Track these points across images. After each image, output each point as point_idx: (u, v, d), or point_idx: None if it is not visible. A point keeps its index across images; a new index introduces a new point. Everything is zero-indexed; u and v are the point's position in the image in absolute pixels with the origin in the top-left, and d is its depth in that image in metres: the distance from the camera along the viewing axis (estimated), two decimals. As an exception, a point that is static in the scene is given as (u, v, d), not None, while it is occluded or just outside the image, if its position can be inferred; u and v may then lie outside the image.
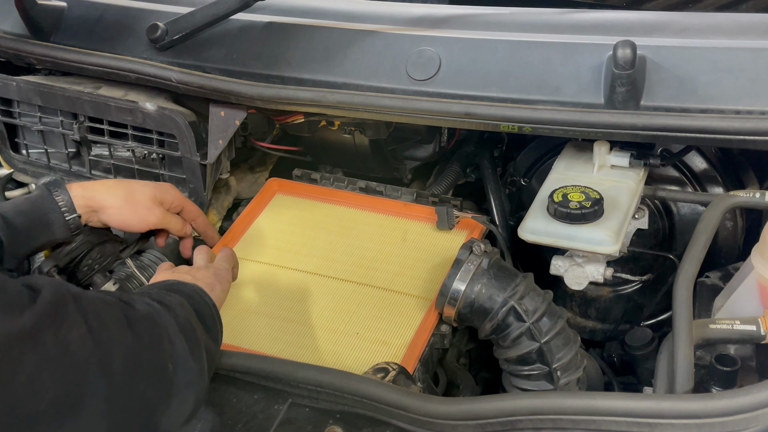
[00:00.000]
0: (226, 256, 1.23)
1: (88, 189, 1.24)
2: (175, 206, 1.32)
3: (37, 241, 1.19)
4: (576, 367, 1.12)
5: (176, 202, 1.32)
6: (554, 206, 1.16)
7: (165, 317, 0.87)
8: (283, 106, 1.33)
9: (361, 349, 1.17)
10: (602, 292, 1.52)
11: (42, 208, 1.19)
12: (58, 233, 1.20)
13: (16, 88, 1.54)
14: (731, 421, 0.82)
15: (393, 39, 1.29)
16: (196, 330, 0.91)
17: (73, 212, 1.21)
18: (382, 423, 0.94)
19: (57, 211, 1.19)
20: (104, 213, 1.25)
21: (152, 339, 0.82)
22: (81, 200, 1.22)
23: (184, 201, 1.34)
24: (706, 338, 0.97)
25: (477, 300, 1.12)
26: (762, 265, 1.03)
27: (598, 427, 0.86)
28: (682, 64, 1.13)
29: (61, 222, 1.19)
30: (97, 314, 0.77)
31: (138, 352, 0.79)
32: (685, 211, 1.42)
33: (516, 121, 1.17)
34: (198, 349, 0.89)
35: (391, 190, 1.46)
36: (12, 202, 1.19)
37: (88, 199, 1.23)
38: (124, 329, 0.79)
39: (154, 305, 0.88)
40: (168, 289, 0.99)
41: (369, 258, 1.34)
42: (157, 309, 0.88)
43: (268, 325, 1.23)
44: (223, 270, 1.18)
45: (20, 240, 1.15)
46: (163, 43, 1.39)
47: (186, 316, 0.92)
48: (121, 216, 1.25)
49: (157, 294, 0.94)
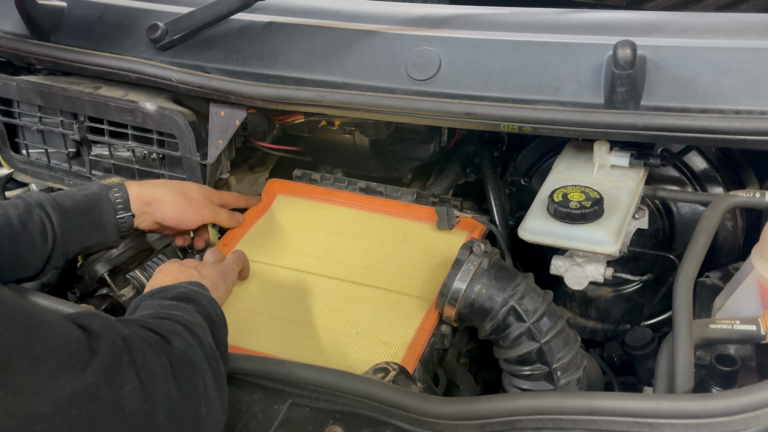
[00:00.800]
0: (236, 257, 1.25)
1: (144, 186, 1.27)
2: (217, 200, 1.37)
3: (88, 241, 1.22)
4: (576, 367, 1.12)
5: (217, 196, 1.38)
6: (554, 206, 1.16)
7: (197, 354, 0.87)
8: (283, 106, 1.33)
9: (361, 349, 1.17)
10: (602, 292, 1.52)
11: (99, 209, 1.21)
12: (110, 236, 1.23)
13: (16, 88, 1.54)
14: (731, 421, 0.82)
15: (393, 39, 1.29)
16: (219, 361, 0.91)
17: (128, 210, 1.23)
18: (382, 423, 0.94)
19: (111, 213, 1.22)
20: (160, 208, 1.28)
21: (190, 384, 0.83)
22: (137, 196, 1.25)
23: (221, 193, 1.40)
24: (706, 338, 0.97)
25: (477, 300, 1.12)
26: (762, 265, 1.03)
27: (598, 427, 0.86)
28: (682, 64, 1.13)
29: (113, 225, 1.22)
30: (146, 364, 0.77)
31: (179, 403, 0.80)
32: (685, 211, 1.42)
33: (516, 121, 1.17)
34: (221, 382, 0.89)
35: (391, 191, 1.46)
36: (71, 197, 1.20)
37: (145, 194, 1.26)
38: (169, 379, 0.80)
39: (188, 338, 0.88)
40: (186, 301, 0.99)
41: (369, 258, 1.34)
42: (191, 343, 0.87)
43: (268, 325, 1.23)
44: (229, 270, 1.20)
45: (72, 238, 1.18)
46: (163, 43, 1.39)
47: (210, 344, 0.91)
48: (178, 210, 1.29)
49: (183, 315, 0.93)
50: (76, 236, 1.18)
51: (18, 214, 1.13)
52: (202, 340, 0.90)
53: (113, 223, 1.22)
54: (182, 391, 0.81)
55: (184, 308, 0.96)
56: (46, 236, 1.14)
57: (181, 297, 1.00)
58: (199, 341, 0.89)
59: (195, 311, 0.97)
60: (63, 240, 1.16)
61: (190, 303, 0.99)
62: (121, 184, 1.25)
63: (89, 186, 1.24)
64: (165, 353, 0.82)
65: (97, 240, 1.22)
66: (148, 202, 1.27)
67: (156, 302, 0.98)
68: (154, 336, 0.84)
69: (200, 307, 0.99)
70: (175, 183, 1.34)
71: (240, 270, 1.25)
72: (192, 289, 1.03)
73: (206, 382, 0.85)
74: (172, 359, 0.82)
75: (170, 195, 1.29)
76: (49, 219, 1.15)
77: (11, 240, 1.11)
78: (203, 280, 1.11)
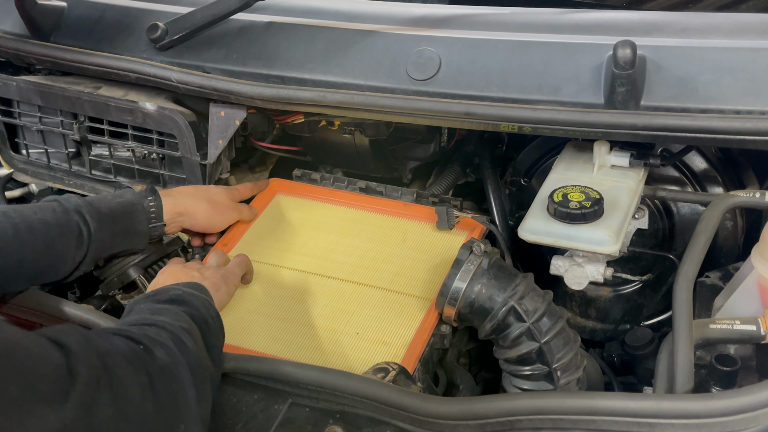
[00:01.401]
0: (240, 261, 1.26)
1: (177, 197, 1.31)
2: (238, 197, 1.41)
3: (119, 248, 1.23)
4: (576, 367, 1.12)
5: (237, 193, 1.42)
6: (554, 206, 1.16)
7: (181, 365, 0.86)
8: (283, 106, 1.33)
9: (361, 349, 1.17)
10: (602, 292, 1.52)
11: (133, 218, 1.22)
12: (141, 244, 1.25)
13: (16, 88, 1.54)
14: (731, 421, 0.82)
15: (393, 39, 1.29)
16: (205, 369, 0.91)
17: (161, 219, 1.26)
18: (382, 423, 0.94)
19: (144, 223, 1.23)
20: (191, 217, 1.32)
21: (170, 400, 0.82)
22: (171, 207, 1.28)
23: (237, 188, 1.44)
24: (706, 338, 0.97)
25: (477, 300, 1.12)
26: (762, 265, 1.03)
27: (598, 427, 0.86)
28: (682, 64, 1.13)
29: (145, 233, 1.24)
30: (123, 384, 0.77)
31: (156, 421, 0.79)
32: (685, 211, 1.42)
33: (516, 121, 1.17)
34: (205, 392, 0.88)
35: (391, 190, 1.46)
36: (107, 204, 1.20)
37: (178, 206, 1.29)
38: (147, 396, 0.79)
39: (172, 348, 0.87)
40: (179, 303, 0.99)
41: (369, 258, 1.34)
42: (174, 354, 0.86)
43: (268, 325, 1.23)
44: (232, 274, 1.21)
45: (105, 246, 1.19)
46: (163, 43, 1.39)
47: (196, 351, 0.90)
48: (208, 218, 1.34)
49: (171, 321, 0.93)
50: (109, 243, 1.19)
51: (56, 219, 1.12)
52: (188, 348, 0.89)
53: (145, 231, 1.24)
54: (161, 407, 0.80)
55: (175, 312, 0.96)
56: (82, 242, 1.14)
57: (175, 299, 0.99)
58: (185, 350, 0.88)
59: (186, 314, 0.96)
60: (96, 247, 1.16)
61: (183, 305, 0.98)
62: (156, 193, 1.27)
63: (124, 194, 1.25)
64: (145, 367, 0.81)
65: (127, 247, 1.24)
66: (181, 213, 1.30)
67: (148, 305, 0.98)
68: (136, 347, 0.83)
69: (194, 309, 0.99)
70: (203, 190, 1.36)
71: (243, 274, 1.26)
72: (187, 291, 1.02)
73: (188, 395, 0.84)
74: (153, 373, 0.82)
75: (200, 205, 1.33)
76: (87, 225, 1.15)
77: (48, 245, 1.10)
78: (204, 282, 1.11)
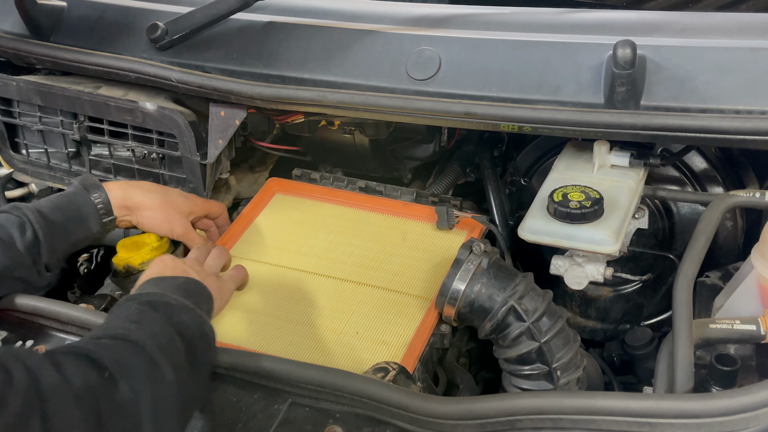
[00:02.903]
0: (237, 275, 1.23)
1: (126, 189, 1.28)
2: (201, 213, 1.37)
3: (74, 236, 1.23)
4: (576, 366, 1.12)
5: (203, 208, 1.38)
6: (554, 206, 1.16)
7: (145, 403, 0.81)
8: (283, 106, 1.33)
9: (361, 348, 1.17)
10: (602, 292, 1.52)
11: (77, 203, 1.23)
12: (93, 228, 1.24)
13: (16, 88, 1.54)
14: (731, 421, 0.82)
15: (393, 39, 1.29)
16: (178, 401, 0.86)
17: (110, 214, 1.25)
18: (382, 423, 0.94)
19: (91, 205, 1.23)
20: (138, 214, 1.29)
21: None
22: (119, 200, 1.26)
23: (208, 204, 1.40)
24: (706, 338, 0.97)
25: (477, 299, 1.12)
26: (762, 265, 1.03)
27: (598, 426, 0.86)
28: (682, 64, 1.13)
29: (95, 216, 1.24)
30: (58, 428, 0.71)
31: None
32: (685, 211, 1.42)
33: (516, 120, 1.17)
34: (171, 427, 0.85)
35: (391, 190, 1.46)
36: (48, 198, 1.23)
37: (126, 199, 1.27)
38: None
39: (140, 382, 0.81)
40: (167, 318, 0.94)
41: (369, 258, 1.34)
42: (141, 388, 0.81)
43: (267, 324, 1.23)
44: (227, 292, 1.18)
45: (57, 235, 1.19)
46: (163, 42, 1.39)
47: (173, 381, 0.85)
48: (154, 219, 1.30)
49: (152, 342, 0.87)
50: (61, 233, 1.19)
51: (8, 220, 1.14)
52: (162, 377, 0.84)
53: (95, 214, 1.24)
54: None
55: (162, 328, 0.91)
56: (33, 242, 1.14)
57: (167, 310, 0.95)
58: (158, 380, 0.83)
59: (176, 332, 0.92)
60: (47, 236, 1.16)
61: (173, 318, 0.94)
62: (101, 187, 1.26)
63: (68, 187, 1.26)
64: (98, 404, 0.76)
65: (83, 234, 1.24)
66: (128, 206, 1.28)
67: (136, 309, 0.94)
68: (97, 378, 0.78)
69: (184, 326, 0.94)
70: (161, 190, 1.33)
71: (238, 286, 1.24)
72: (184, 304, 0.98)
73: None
74: (105, 411, 0.76)
75: (151, 202, 1.29)
76: (33, 231, 1.15)
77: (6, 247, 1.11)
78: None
